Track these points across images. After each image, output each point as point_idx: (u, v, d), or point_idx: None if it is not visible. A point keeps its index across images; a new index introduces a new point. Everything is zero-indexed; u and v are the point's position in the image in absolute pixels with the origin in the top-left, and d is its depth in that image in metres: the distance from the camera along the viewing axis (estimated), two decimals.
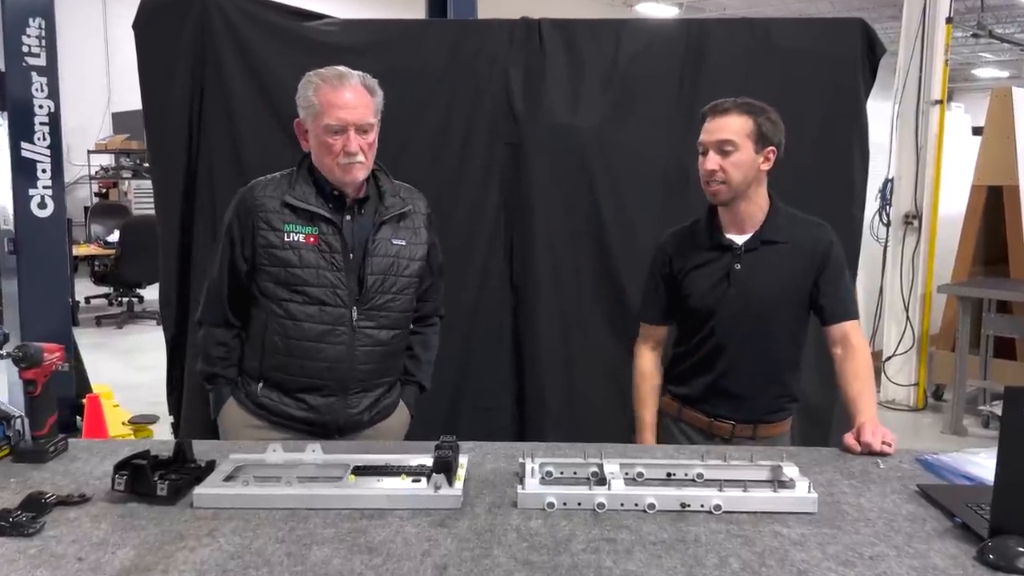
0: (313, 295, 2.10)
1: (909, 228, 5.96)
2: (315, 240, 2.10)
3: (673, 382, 2.35)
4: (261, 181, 2.18)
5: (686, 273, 2.26)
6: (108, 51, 11.95)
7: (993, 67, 20.82)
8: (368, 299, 2.13)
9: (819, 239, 2.21)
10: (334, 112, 2.04)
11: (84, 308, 9.03)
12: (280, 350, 2.13)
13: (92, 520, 1.50)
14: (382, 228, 2.16)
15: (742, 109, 2.14)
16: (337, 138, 2.04)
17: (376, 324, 2.15)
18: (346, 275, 2.11)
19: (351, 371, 2.14)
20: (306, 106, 2.09)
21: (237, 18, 2.97)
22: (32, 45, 3.93)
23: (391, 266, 2.16)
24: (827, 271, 2.20)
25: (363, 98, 2.08)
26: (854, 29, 3.10)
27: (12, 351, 1.81)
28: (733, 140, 2.11)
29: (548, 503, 1.56)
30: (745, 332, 2.20)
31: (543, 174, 3.11)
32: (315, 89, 2.06)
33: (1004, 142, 5.78)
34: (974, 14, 11.23)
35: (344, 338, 2.12)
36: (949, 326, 5.95)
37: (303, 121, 2.12)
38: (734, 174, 2.13)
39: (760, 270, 2.19)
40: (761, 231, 2.20)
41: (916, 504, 1.63)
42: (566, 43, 3.13)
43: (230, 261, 2.16)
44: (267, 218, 2.11)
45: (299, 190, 2.12)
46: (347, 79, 2.07)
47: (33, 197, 4.02)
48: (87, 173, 11.90)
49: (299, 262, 2.09)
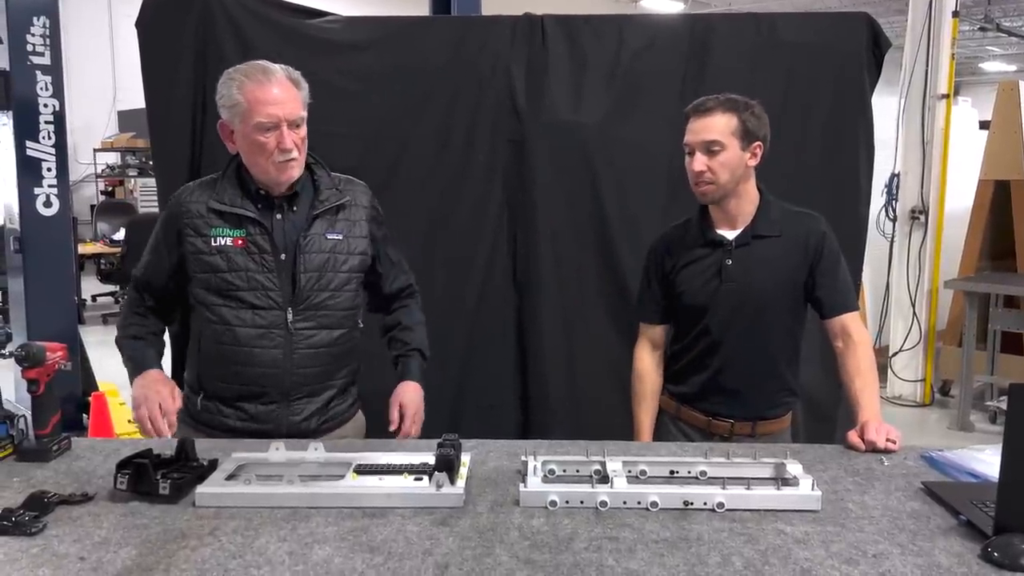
0: (244, 299, 2.02)
1: (915, 223, 5.94)
2: (243, 243, 2.02)
3: (670, 380, 2.35)
4: (189, 186, 2.13)
5: (678, 271, 2.25)
6: (114, 49, 11.97)
7: (1000, 61, 20.71)
8: (303, 299, 2.05)
9: (812, 230, 2.19)
10: (263, 109, 1.94)
11: (90, 306, 9.05)
12: (214, 357, 2.07)
13: (94, 519, 1.50)
14: (315, 222, 2.07)
15: (725, 107, 2.12)
16: (269, 135, 1.95)
17: (315, 324, 2.07)
18: (278, 276, 2.03)
19: (289, 375, 2.06)
20: (230, 105, 1.97)
21: (240, 15, 2.97)
22: (36, 44, 3.94)
23: (326, 262, 2.07)
24: (822, 263, 2.18)
25: (291, 91, 1.99)
26: (859, 23, 3.09)
27: (15, 350, 1.81)
28: (719, 140, 2.10)
29: (550, 501, 1.56)
30: (739, 328, 2.19)
31: (546, 171, 3.11)
32: (239, 87, 1.96)
33: (1011, 136, 5.76)
34: (981, 7, 11.19)
35: (280, 341, 2.04)
36: (956, 321, 5.94)
37: (228, 122, 2.01)
38: (722, 173, 2.11)
39: (752, 265, 2.17)
40: (752, 226, 2.19)
41: (920, 502, 1.62)
42: (569, 39, 3.12)
43: (154, 266, 2.12)
44: (193, 224, 2.04)
45: (224, 193, 2.04)
46: (272, 73, 1.98)
47: (38, 196, 4.03)
48: (93, 171, 11.94)
49: (228, 266, 2.02)
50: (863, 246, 3.16)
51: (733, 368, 2.20)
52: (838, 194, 3.07)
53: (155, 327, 2.17)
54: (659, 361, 2.36)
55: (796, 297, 2.20)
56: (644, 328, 2.38)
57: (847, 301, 2.21)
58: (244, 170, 2.06)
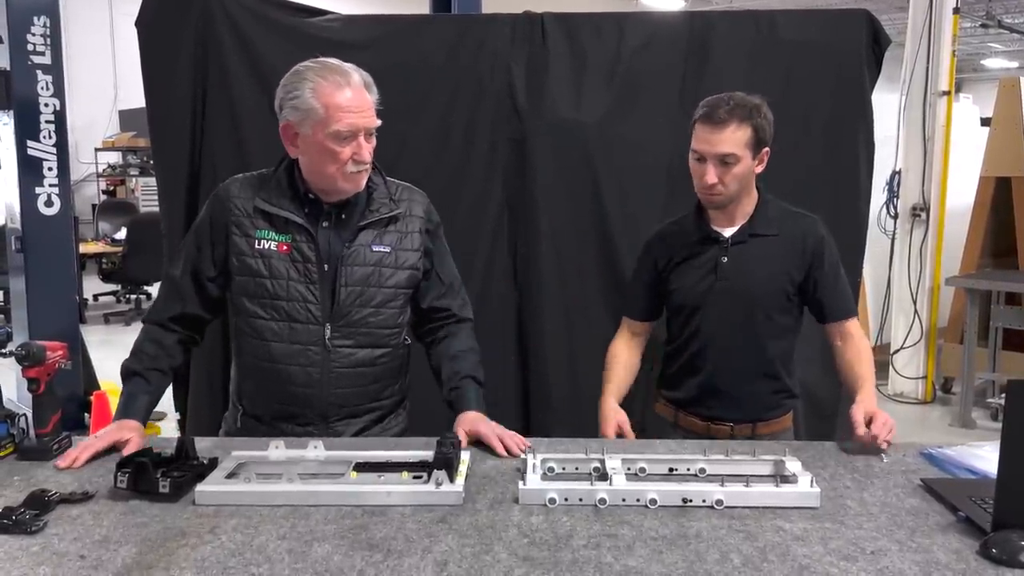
0: (281, 309, 1.92)
1: (917, 220, 5.94)
2: (288, 249, 1.91)
3: (666, 386, 2.32)
4: (237, 179, 2.00)
5: (672, 268, 2.23)
6: (115, 48, 11.99)
7: (1002, 57, 20.67)
8: (342, 314, 1.93)
9: (809, 232, 2.18)
10: (344, 118, 1.81)
11: (92, 305, 9.08)
12: (251, 372, 1.98)
13: (94, 517, 1.50)
14: (361, 233, 1.95)
15: (740, 117, 2.05)
16: (345, 145, 1.83)
17: (353, 343, 1.95)
18: (320, 288, 1.92)
19: (327, 396, 1.95)
20: (303, 109, 1.82)
21: (240, 14, 2.97)
22: (37, 43, 3.95)
23: (370, 276, 1.94)
24: (823, 268, 2.17)
25: (367, 98, 1.86)
26: (859, 20, 3.08)
27: (16, 349, 1.81)
28: (734, 153, 2.05)
29: (549, 499, 1.56)
30: (733, 326, 2.16)
31: (546, 170, 3.11)
32: (314, 90, 1.81)
33: (1013, 133, 5.75)
34: (983, 4, 11.16)
35: (317, 359, 1.93)
36: (957, 318, 5.94)
37: (295, 124, 1.86)
38: (732, 184, 2.09)
39: (748, 263, 2.15)
40: (750, 224, 2.17)
41: (919, 498, 1.62)
42: (569, 37, 3.12)
43: (194, 263, 1.99)
44: (238, 221, 1.93)
45: (273, 193, 1.93)
46: (349, 76, 1.84)
47: (40, 195, 4.04)
48: (95, 171, 11.96)
49: (267, 272, 1.91)
50: (864, 243, 3.16)
51: (728, 369, 2.18)
52: (838, 191, 3.07)
53: (169, 359, 1.99)
54: (636, 347, 2.34)
55: (791, 297, 2.18)
56: (627, 322, 2.37)
57: (849, 307, 2.21)
58: (296, 172, 1.94)
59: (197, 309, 2.02)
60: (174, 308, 2.00)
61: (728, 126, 2.04)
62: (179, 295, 2.00)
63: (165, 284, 2.05)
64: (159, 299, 2.05)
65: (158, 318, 2.01)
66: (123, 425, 1.85)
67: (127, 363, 1.96)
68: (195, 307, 2.01)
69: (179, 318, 2.01)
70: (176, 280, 2.01)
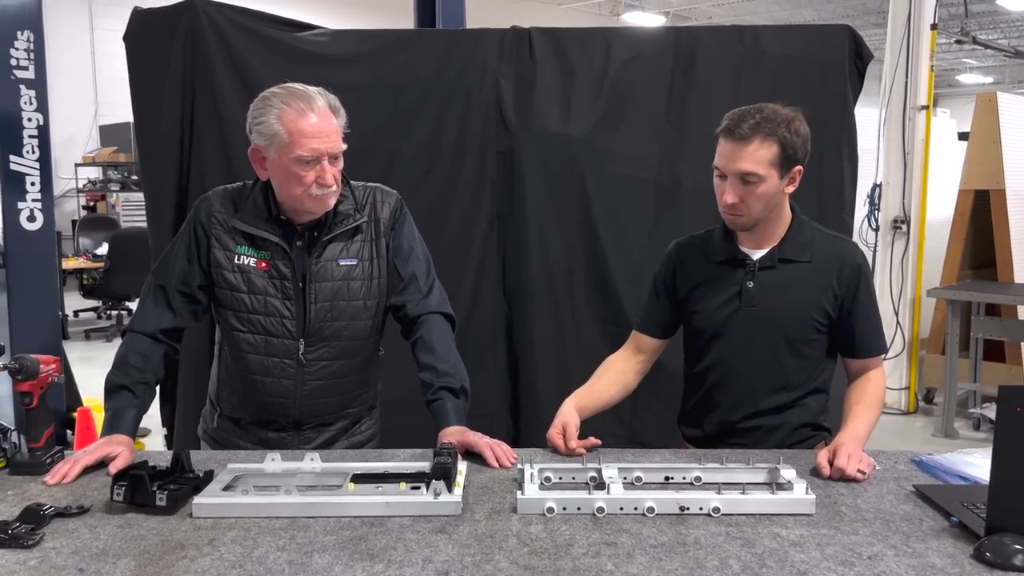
0: (258, 323, 1.95)
1: (898, 233, 6.00)
2: (267, 266, 1.93)
3: (684, 423, 2.16)
4: (219, 192, 2.01)
5: (692, 288, 2.07)
6: (95, 64, 11.95)
7: (977, 73, 21.00)
8: (314, 330, 1.96)
9: (846, 260, 1.99)
10: (307, 143, 1.82)
11: (73, 322, 9.00)
12: (229, 379, 2.04)
13: (91, 531, 1.49)
14: (327, 248, 1.96)
15: (765, 132, 1.86)
16: (309, 169, 1.84)
17: (327, 355, 1.99)
18: (295, 304, 1.95)
19: (301, 406, 2.00)
20: (268, 134, 1.84)
21: (228, 29, 2.98)
22: (20, 58, 3.92)
23: (339, 291, 1.96)
24: (857, 300, 1.99)
25: (332, 123, 1.87)
26: (841, 35, 3.14)
27: (8, 363, 1.80)
28: (756, 172, 1.87)
29: (548, 508, 1.57)
30: (758, 358, 1.99)
31: (535, 182, 3.13)
32: (279, 116, 1.83)
33: (990, 146, 5.84)
34: (958, 20, 11.34)
35: (291, 372, 1.97)
36: (939, 329, 6.00)
37: (262, 148, 1.88)
38: (755, 206, 1.91)
39: (776, 290, 1.97)
40: (780, 247, 1.99)
41: (913, 504, 1.64)
42: (556, 51, 3.15)
43: (184, 275, 1.98)
44: (218, 235, 1.95)
45: (250, 214, 1.95)
46: (313, 102, 1.84)
47: (22, 210, 4.00)
48: (75, 186, 11.86)
49: (246, 287, 1.94)
50: None
51: (751, 404, 2.01)
52: (823, 203, 3.11)
53: (155, 371, 1.97)
54: (635, 364, 2.16)
55: (821, 329, 2.00)
56: (635, 335, 2.19)
57: (877, 344, 2.05)
58: (270, 192, 1.95)
59: (186, 321, 2.02)
60: (164, 320, 1.98)
61: (751, 143, 1.87)
62: (169, 307, 1.99)
63: (153, 294, 2.01)
64: (145, 309, 2.01)
65: (144, 329, 1.98)
66: (112, 439, 1.84)
67: (112, 376, 1.93)
68: (184, 319, 2.01)
69: (168, 331, 2.00)
70: (167, 291, 1.99)
